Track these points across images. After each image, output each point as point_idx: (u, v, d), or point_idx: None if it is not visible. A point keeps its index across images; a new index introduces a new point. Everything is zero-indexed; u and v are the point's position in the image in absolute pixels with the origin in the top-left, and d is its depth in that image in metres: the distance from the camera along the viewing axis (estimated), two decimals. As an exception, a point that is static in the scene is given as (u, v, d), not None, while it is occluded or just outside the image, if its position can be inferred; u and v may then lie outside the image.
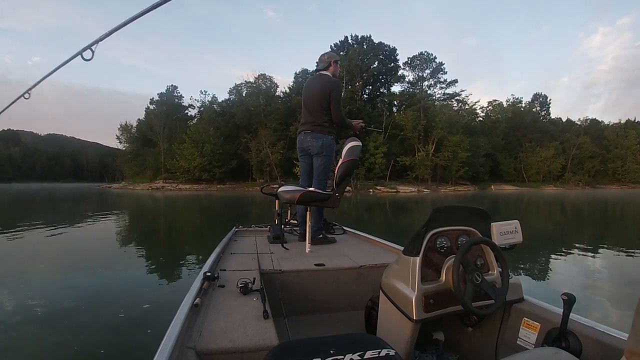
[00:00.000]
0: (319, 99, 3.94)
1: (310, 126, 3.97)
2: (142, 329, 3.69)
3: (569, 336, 1.64)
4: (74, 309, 4.34)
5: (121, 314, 4.10)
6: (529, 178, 77.53)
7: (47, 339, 3.53)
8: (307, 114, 4.01)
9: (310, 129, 3.97)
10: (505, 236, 2.05)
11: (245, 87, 69.24)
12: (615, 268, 6.94)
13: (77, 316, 4.11)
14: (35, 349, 3.32)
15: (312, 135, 3.96)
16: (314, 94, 3.96)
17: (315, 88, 3.99)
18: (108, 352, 3.24)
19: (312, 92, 3.99)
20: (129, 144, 79.91)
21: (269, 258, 3.04)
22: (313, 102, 3.96)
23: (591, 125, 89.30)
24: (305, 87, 4.13)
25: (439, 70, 72.61)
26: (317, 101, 3.94)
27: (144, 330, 3.66)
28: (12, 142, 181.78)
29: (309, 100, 3.99)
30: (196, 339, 1.53)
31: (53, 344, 3.42)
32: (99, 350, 3.26)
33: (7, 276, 6.01)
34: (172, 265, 6.94)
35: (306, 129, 4.00)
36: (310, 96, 3.98)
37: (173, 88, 79.61)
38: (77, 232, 11.35)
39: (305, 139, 4.00)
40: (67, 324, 3.89)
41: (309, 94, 4.02)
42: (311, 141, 3.96)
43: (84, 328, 3.78)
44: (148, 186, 61.76)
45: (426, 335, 2.22)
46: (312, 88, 4.01)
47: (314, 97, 3.96)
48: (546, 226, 14.53)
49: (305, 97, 4.05)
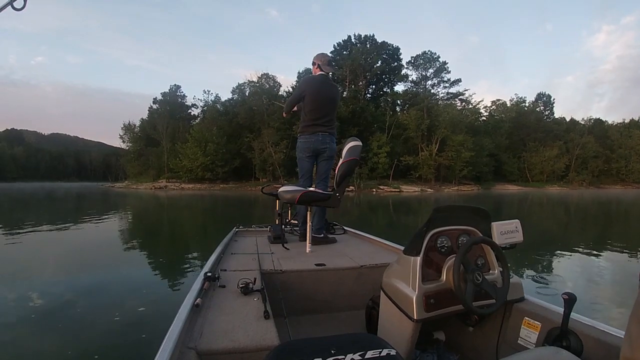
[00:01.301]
0: (334, 103, 4.06)
1: (329, 129, 4.02)
2: (142, 329, 3.68)
3: (570, 335, 1.64)
4: (73, 309, 4.34)
5: (121, 314, 4.09)
6: (533, 178, 77.31)
7: (47, 339, 3.53)
8: (324, 115, 4.02)
9: (329, 131, 4.02)
10: (505, 235, 2.04)
11: (248, 87, 69.30)
12: (616, 268, 6.91)
13: (76, 316, 4.11)
14: (35, 349, 3.32)
15: (330, 138, 4.04)
16: (332, 97, 4.03)
17: (331, 91, 4.08)
18: (108, 352, 3.24)
19: (329, 94, 4.04)
20: (132, 144, 79.93)
21: (269, 258, 3.04)
22: (331, 104, 4.03)
23: (595, 125, 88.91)
24: (318, 87, 4.06)
25: (442, 69, 72.43)
26: (334, 104, 4.05)
27: (145, 330, 3.65)
28: (16, 142, 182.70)
29: (327, 102, 4.02)
30: (197, 339, 1.53)
31: (53, 344, 3.42)
32: (99, 350, 3.26)
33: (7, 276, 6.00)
34: (172, 265, 6.93)
35: (324, 131, 4.00)
36: (328, 98, 4.02)
37: (176, 88, 79.70)
38: (78, 231, 11.37)
39: (324, 140, 4.01)
40: (66, 323, 3.89)
41: (326, 95, 4.03)
42: (329, 144, 4.03)
43: (83, 328, 3.77)
44: (151, 185, 61.76)
45: (427, 335, 2.21)
46: (329, 90, 4.07)
47: (332, 99, 4.03)
48: (548, 226, 14.50)
49: (320, 96, 4.02)
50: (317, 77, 4.13)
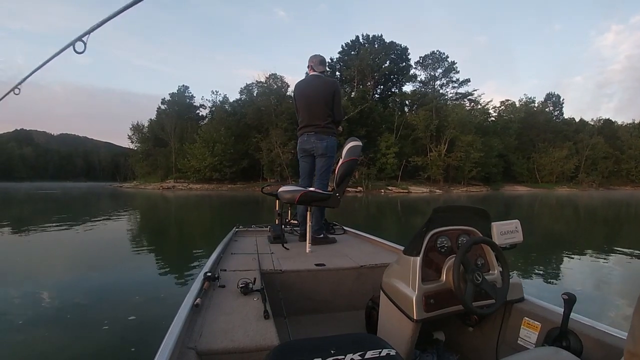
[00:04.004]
0: (323, 100, 3.96)
1: (314, 127, 3.99)
2: (142, 329, 3.69)
3: (569, 336, 1.64)
4: (72, 309, 4.35)
5: (121, 314, 4.10)
6: (542, 179, 76.75)
7: (46, 339, 3.54)
8: (308, 115, 4.02)
9: (314, 130, 3.99)
10: (505, 236, 2.04)
11: (256, 87, 69.29)
12: (617, 268, 6.87)
13: (76, 316, 4.13)
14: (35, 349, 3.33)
15: (317, 136, 3.99)
16: (317, 95, 3.98)
17: (317, 89, 4.00)
18: (108, 352, 3.25)
19: (314, 92, 4.00)
20: (140, 144, 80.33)
21: (269, 258, 3.04)
22: (317, 103, 3.98)
23: (605, 126, 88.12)
24: (303, 88, 4.12)
25: (451, 69, 72.28)
26: (322, 102, 3.96)
27: (145, 330, 3.67)
28: (25, 142, 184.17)
29: (310, 101, 4.00)
30: (197, 339, 1.54)
31: (52, 344, 3.44)
32: (99, 350, 3.28)
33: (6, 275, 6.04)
34: (172, 265, 6.96)
35: (309, 131, 4.01)
36: (312, 97, 3.99)
37: (184, 88, 79.95)
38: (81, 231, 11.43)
39: (309, 140, 4.02)
40: (66, 323, 3.91)
41: (309, 94, 4.03)
42: (315, 142, 3.99)
43: (83, 328, 3.79)
44: (159, 185, 62.04)
45: (427, 335, 2.21)
46: (314, 88, 4.02)
47: (317, 97, 3.97)
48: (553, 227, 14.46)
49: (304, 97, 4.05)
50: (305, 78, 4.17)
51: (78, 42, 1.68)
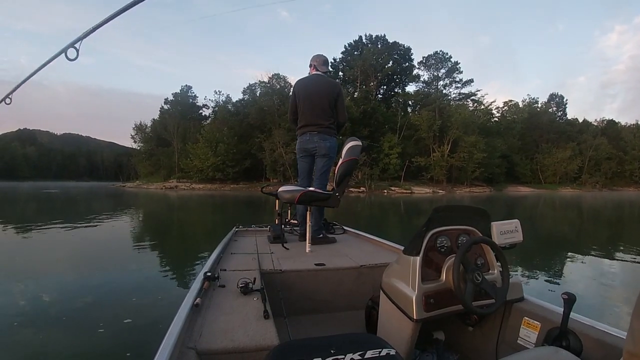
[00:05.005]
0: (327, 100, 3.94)
1: (317, 127, 3.95)
2: (142, 329, 3.69)
3: (569, 335, 1.64)
4: (72, 308, 4.35)
5: (121, 314, 4.10)
6: (545, 180, 76.64)
7: (46, 339, 3.55)
8: (311, 114, 3.98)
9: (317, 130, 3.95)
10: (505, 235, 2.04)
11: (259, 87, 69.45)
12: (617, 268, 6.88)
13: (75, 315, 4.13)
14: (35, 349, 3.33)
15: (320, 136, 3.95)
16: (321, 95, 3.95)
17: (321, 88, 3.97)
18: (107, 352, 3.26)
19: (318, 92, 3.97)
20: (143, 144, 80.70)
21: (269, 258, 3.04)
22: (320, 103, 3.95)
23: (608, 126, 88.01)
24: (306, 87, 4.07)
25: (454, 69, 72.28)
26: (325, 102, 3.94)
27: (144, 330, 3.67)
28: (29, 142, 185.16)
29: (314, 101, 3.96)
30: (196, 339, 1.53)
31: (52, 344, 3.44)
32: (99, 350, 3.28)
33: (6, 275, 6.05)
34: (173, 265, 6.97)
35: (312, 130, 3.97)
36: (316, 96, 3.96)
37: (187, 88, 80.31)
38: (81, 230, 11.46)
39: (312, 139, 3.98)
40: (65, 323, 3.91)
41: (313, 93, 3.99)
42: (318, 142, 3.96)
43: (82, 328, 3.79)
44: (162, 185, 62.15)
45: (427, 335, 2.21)
46: (318, 88, 3.99)
47: (321, 97, 3.94)
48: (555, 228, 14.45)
49: (308, 96, 4.01)
50: (307, 77, 4.13)
51: (70, 48, 1.69)
